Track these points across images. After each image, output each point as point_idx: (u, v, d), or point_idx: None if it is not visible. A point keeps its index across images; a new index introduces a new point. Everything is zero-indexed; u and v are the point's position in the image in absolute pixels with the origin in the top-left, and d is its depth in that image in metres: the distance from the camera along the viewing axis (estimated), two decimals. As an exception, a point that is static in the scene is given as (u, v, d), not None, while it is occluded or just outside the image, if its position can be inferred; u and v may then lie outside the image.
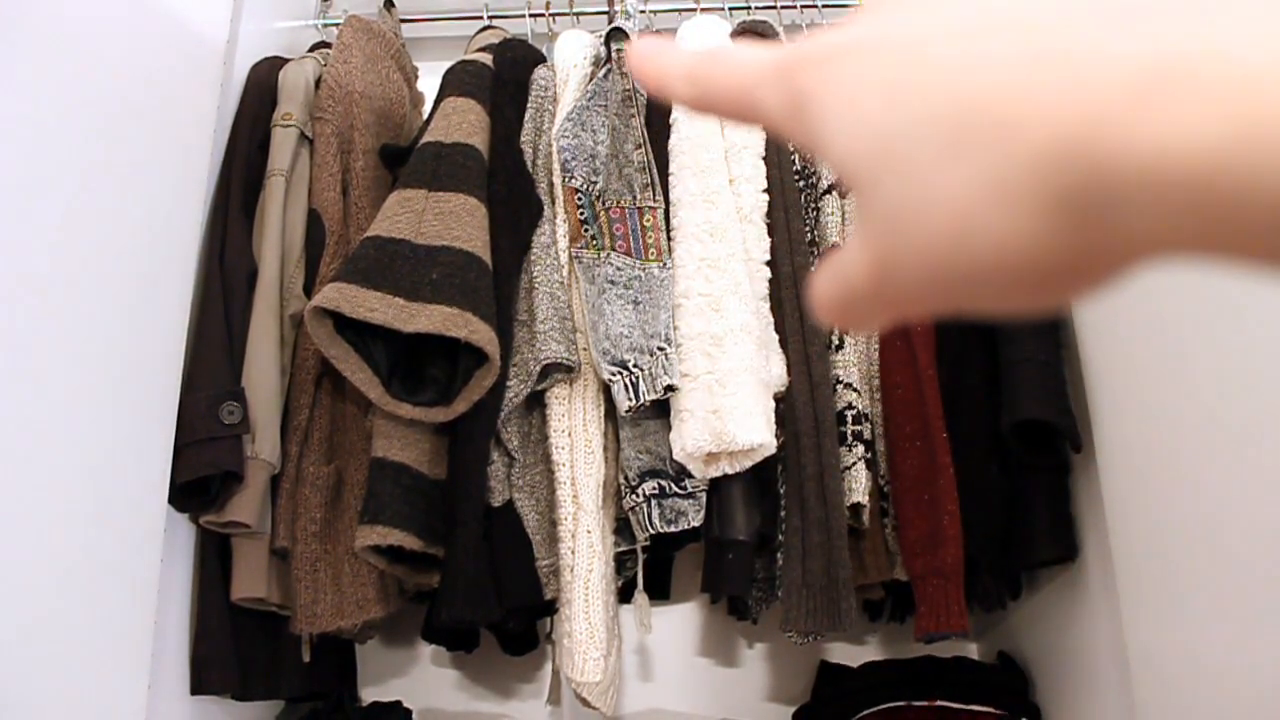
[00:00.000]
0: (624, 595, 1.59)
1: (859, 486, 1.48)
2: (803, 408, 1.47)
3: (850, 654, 1.86)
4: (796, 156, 1.63)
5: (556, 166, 1.56)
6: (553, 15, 1.88)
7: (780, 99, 0.31)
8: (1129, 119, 0.21)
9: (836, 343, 1.55)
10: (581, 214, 1.52)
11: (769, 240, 1.54)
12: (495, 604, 1.41)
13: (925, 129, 0.25)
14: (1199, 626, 1.17)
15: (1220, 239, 0.21)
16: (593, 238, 1.51)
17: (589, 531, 1.43)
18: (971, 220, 0.24)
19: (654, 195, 1.53)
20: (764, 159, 1.58)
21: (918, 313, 0.30)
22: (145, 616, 1.27)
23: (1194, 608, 1.18)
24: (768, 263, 1.52)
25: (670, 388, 1.40)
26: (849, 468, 1.48)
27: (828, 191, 1.60)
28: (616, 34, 1.65)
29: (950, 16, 0.26)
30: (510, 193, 1.54)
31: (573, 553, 1.43)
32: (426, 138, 1.53)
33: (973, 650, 1.88)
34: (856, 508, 1.48)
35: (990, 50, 0.24)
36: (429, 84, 1.75)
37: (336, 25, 1.78)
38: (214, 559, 1.42)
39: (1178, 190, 0.21)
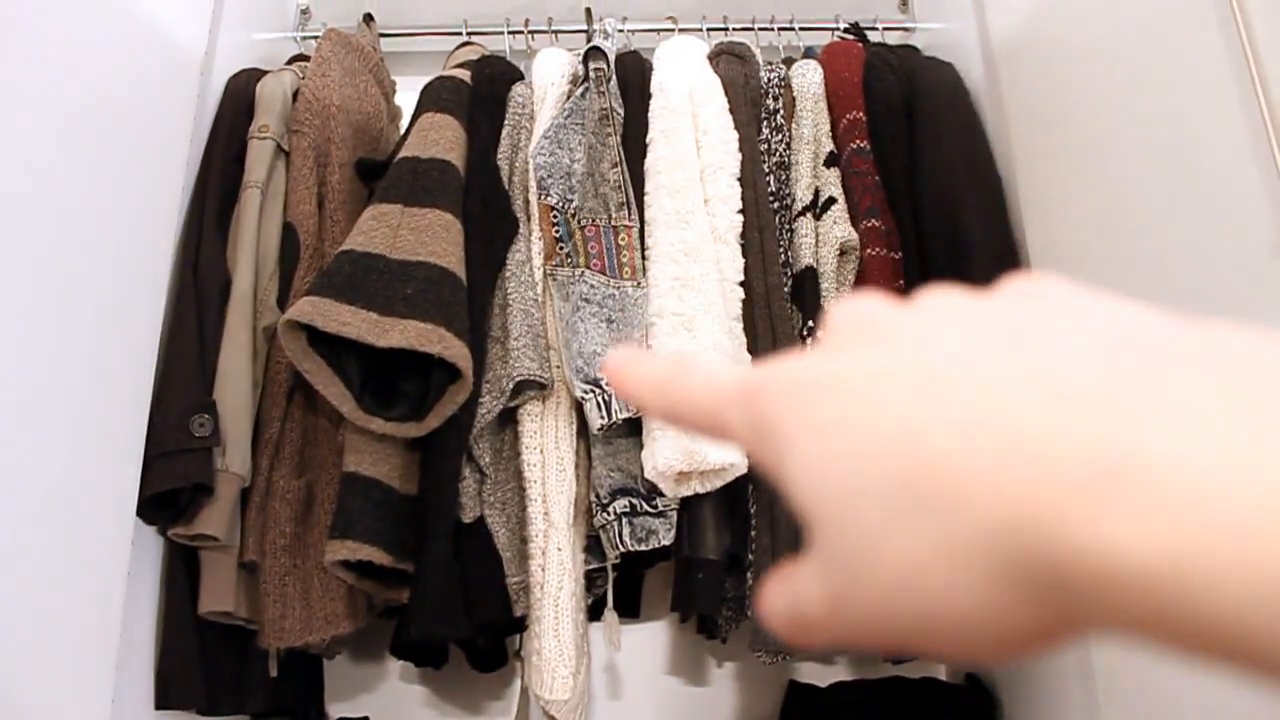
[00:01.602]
0: (593, 613, 1.59)
1: (829, 507, 1.48)
2: (774, 428, 1.48)
3: (819, 674, 1.86)
4: (771, 178, 1.64)
5: (532, 184, 1.57)
6: (531, 33, 1.89)
7: (745, 424, 0.31)
8: (1078, 511, 0.21)
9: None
10: (556, 231, 1.53)
11: (743, 260, 1.55)
12: (464, 620, 1.40)
13: (877, 486, 0.25)
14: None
15: (1171, 637, 0.21)
16: (567, 255, 1.52)
17: (559, 549, 1.43)
18: (921, 581, 0.24)
19: (629, 214, 1.54)
20: (739, 180, 1.59)
21: (869, 645, 0.30)
22: (111, 629, 1.26)
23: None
24: (741, 283, 1.53)
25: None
26: (820, 488, 1.49)
27: (802, 213, 1.61)
28: (595, 53, 1.66)
29: (906, 360, 0.27)
30: (486, 209, 1.54)
31: (543, 570, 1.43)
32: (403, 153, 1.53)
33: (941, 671, 1.89)
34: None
35: (943, 409, 0.25)
36: (407, 99, 1.75)
37: (315, 38, 1.79)
38: (181, 572, 1.40)
39: (1124, 589, 0.21)
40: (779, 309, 1.54)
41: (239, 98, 1.62)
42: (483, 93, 1.66)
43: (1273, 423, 0.21)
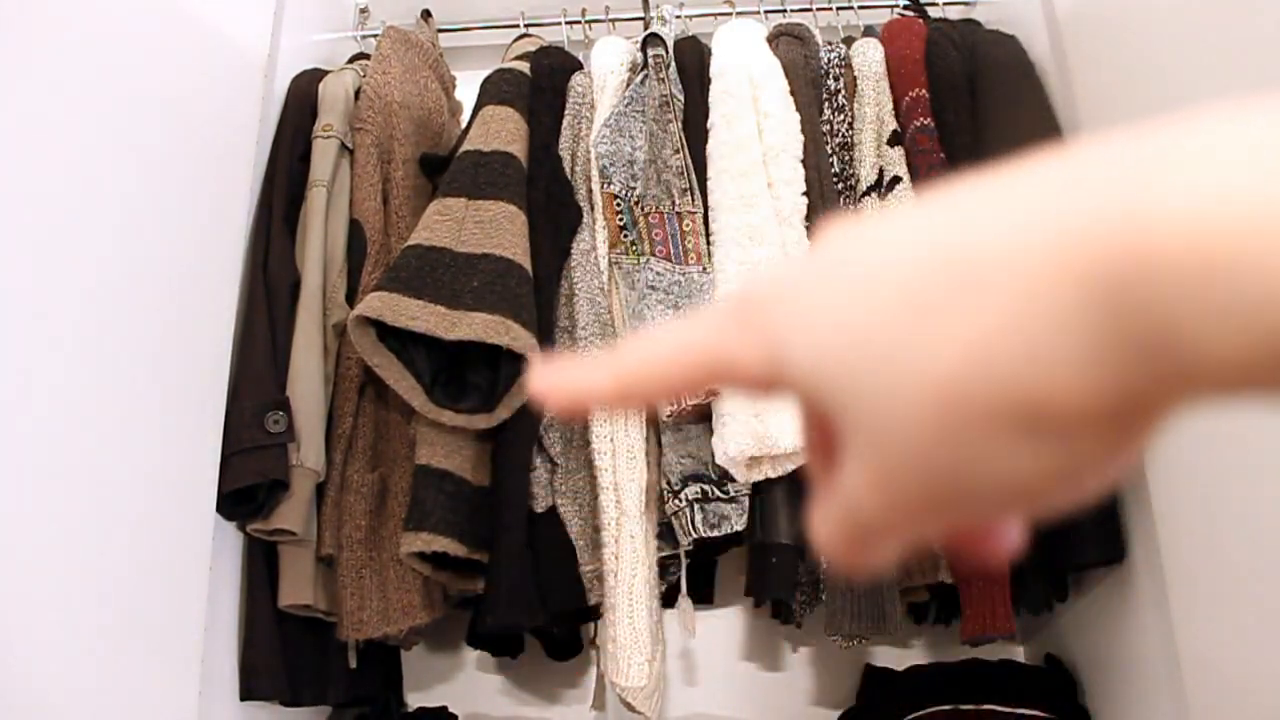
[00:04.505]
0: (668, 600, 1.59)
1: (902, 489, 1.47)
2: (845, 410, 1.47)
3: (896, 657, 1.84)
4: (835, 159, 1.63)
5: (595, 172, 1.57)
6: (589, 22, 1.89)
7: (752, 345, 0.29)
8: (1143, 201, 0.20)
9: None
10: (620, 219, 1.53)
11: (809, 243, 1.53)
12: (539, 609, 1.41)
13: (893, 299, 0.24)
14: (1252, 627, 1.16)
15: (1261, 316, 0.19)
16: (632, 243, 1.52)
17: (632, 536, 1.43)
18: (981, 360, 0.22)
19: (693, 200, 1.53)
20: (802, 162, 1.57)
21: (938, 528, 0.27)
22: (195, 623, 1.28)
23: (1247, 608, 1.17)
24: (807, 265, 1.52)
25: (712, 392, 1.40)
26: (892, 470, 1.47)
27: (867, 193, 1.59)
28: (653, 40, 1.65)
29: (886, 228, 0.27)
30: (549, 200, 1.55)
31: (616, 558, 1.43)
32: (466, 146, 1.54)
33: (1020, 653, 1.86)
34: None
35: (947, 231, 0.24)
36: (467, 93, 1.76)
37: (375, 36, 1.80)
38: (261, 566, 1.43)
39: (1204, 261, 0.20)
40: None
41: (302, 98, 1.64)
42: (542, 84, 1.66)
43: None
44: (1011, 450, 0.23)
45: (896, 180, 1.59)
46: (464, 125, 1.68)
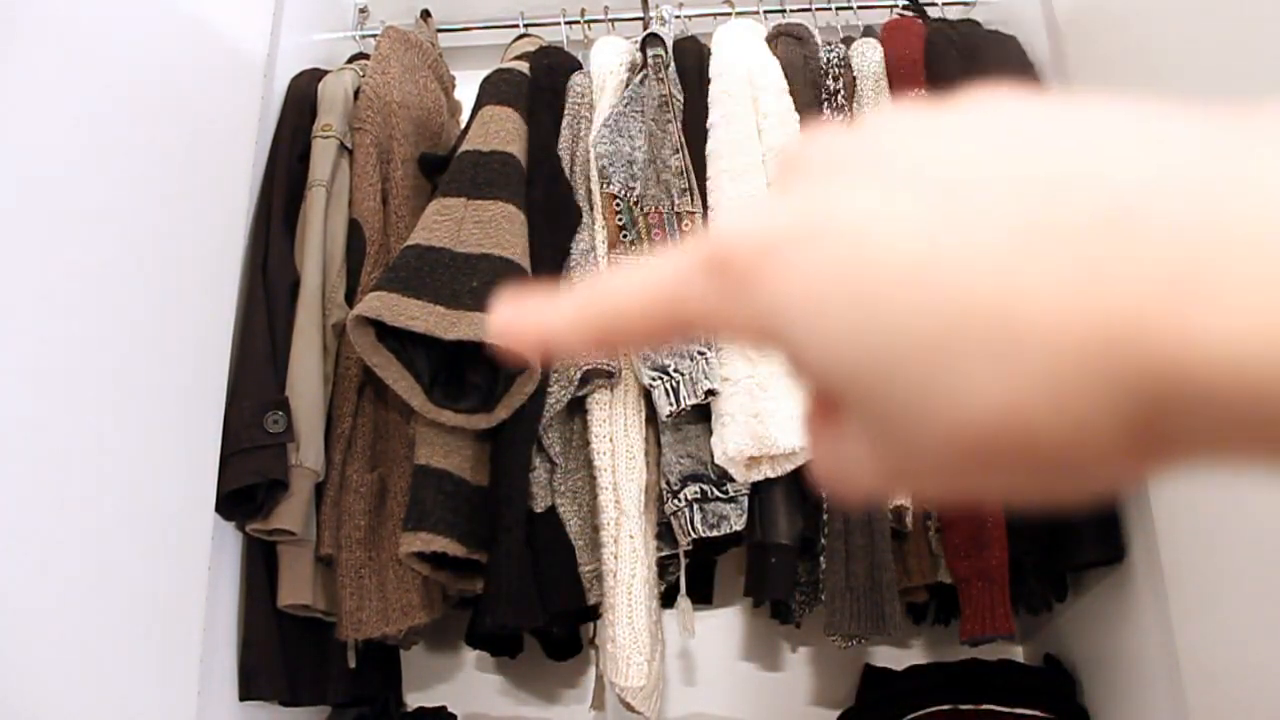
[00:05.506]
0: (667, 600, 1.59)
1: (901, 489, 1.47)
2: (844, 410, 1.47)
3: (895, 657, 1.84)
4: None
5: (594, 173, 1.57)
6: (588, 22, 1.88)
7: (719, 297, 0.27)
8: (1171, 317, 0.19)
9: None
10: (620, 220, 1.53)
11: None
12: (538, 609, 1.41)
13: (917, 335, 0.22)
14: (1250, 627, 1.16)
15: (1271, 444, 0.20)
16: (631, 243, 1.52)
17: (631, 536, 1.43)
18: (1012, 419, 0.22)
19: (692, 200, 1.53)
20: (801, 162, 1.57)
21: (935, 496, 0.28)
22: (194, 624, 1.28)
23: (1245, 608, 1.17)
24: (807, 265, 1.52)
25: (711, 392, 1.40)
26: (891, 470, 1.47)
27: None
28: (652, 40, 1.65)
29: (904, 186, 0.24)
30: (549, 199, 1.55)
31: (615, 558, 1.43)
32: (465, 146, 1.54)
33: (1019, 653, 1.86)
34: (899, 510, 1.48)
35: (973, 235, 0.22)
36: (466, 93, 1.76)
37: (374, 36, 1.80)
38: (260, 566, 1.43)
39: (1236, 390, 0.19)
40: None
41: (301, 98, 1.64)
42: (542, 83, 1.66)
43: None
44: (1019, 476, 0.23)
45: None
46: (463, 125, 1.68)
